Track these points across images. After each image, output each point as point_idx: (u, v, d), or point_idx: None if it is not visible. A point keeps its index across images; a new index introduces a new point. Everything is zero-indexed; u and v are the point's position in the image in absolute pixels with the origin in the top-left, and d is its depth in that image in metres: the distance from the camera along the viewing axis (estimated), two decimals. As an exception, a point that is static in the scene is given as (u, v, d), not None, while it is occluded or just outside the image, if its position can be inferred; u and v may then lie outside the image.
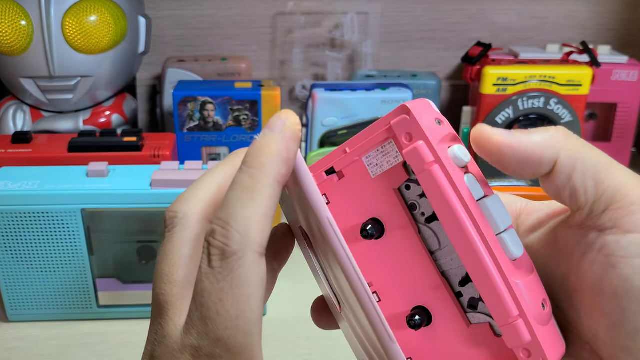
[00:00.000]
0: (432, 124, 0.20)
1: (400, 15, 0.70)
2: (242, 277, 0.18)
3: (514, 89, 0.56)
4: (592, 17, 0.71)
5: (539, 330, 0.19)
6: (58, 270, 0.42)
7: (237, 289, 0.18)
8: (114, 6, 0.54)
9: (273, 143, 0.19)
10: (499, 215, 0.20)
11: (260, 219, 0.18)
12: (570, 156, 0.20)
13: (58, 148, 0.48)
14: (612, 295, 0.19)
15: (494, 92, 0.56)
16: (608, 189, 0.19)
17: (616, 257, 0.19)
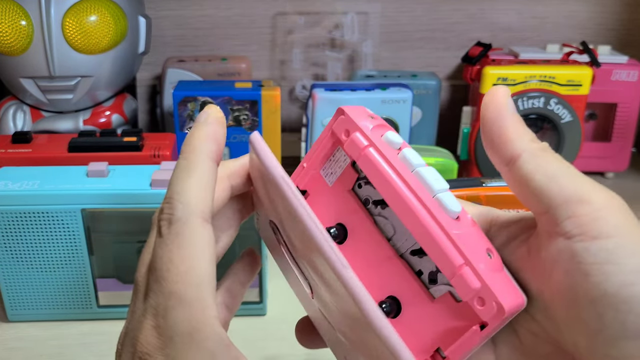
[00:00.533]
0: (365, 118, 0.23)
1: (400, 15, 0.70)
2: (187, 238, 0.20)
3: (514, 89, 0.56)
4: (592, 17, 0.71)
5: (488, 277, 0.20)
6: (58, 270, 0.42)
7: (184, 249, 0.20)
8: (114, 6, 0.54)
9: (199, 129, 0.23)
10: (432, 179, 0.21)
11: (200, 189, 0.21)
12: (533, 155, 0.20)
13: (58, 148, 0.48)
14: (587, 304, 0.19)
15: None
16: (572, 195, 0.19)
17: (587, 265, 0.19)
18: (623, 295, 0.18)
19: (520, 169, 0.21)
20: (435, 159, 0.51)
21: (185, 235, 0.20)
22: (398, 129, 0.56)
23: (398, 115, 0.56)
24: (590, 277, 0.19)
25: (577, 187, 0.20)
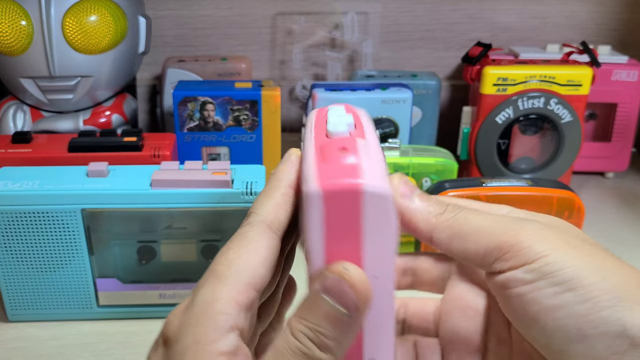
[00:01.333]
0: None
1: (400, 15, 0.70)
2: (248, 235, 0.21)
3: (514, 89, 0.56)
4: (592, 17, 0.71)
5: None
6: (58, 270, 0.42)
7: (240, 241, 0.21)
8: (114, 6, 0.54)
9: (284, 163, 0.24)
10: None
11: (274, 206, 0.22)
12: (444, 229, 0.23)
13: (58, 148, 0.48)
14: (530, 321, 0.21)
15: (494, 92, 0.57)
16: (488, 244, 0.22)
17: (519, 287, 0.21)
18: (555, 304, 0.20)
19: (439, 245, 0.23)
20: (435, 159, 0.51)
21: (247, 234, 0.21)
22: (398, 129, 0.56)
23: (398, 115, 0.56)
24: (525, 296, 0.21)
25: (489, 237, 0.22)
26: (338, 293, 0.19)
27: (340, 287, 0.19)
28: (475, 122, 0.58)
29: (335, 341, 0.19)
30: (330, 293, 0.20)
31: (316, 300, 0.20)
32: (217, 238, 0.43)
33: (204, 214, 0.41)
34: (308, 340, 0.19)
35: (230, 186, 0.40)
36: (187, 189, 0.40)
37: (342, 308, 0.19)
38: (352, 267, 0.20)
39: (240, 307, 0.20)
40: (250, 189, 0.40)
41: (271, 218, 0.22)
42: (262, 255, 0.21)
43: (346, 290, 0.19)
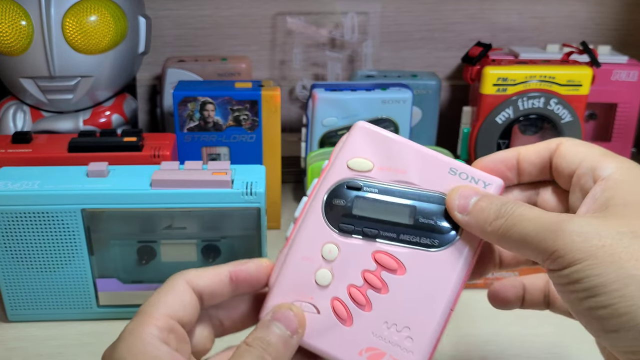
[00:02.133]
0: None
1: (400, 15, 0.70)
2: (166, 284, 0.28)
3: (514, 89, 0.57)
4: (592, 17, 0.71)
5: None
6: (58, 270, 0.42)
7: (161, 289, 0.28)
8: (114, 6, 0.54)
9: (249, 262, 0.29)
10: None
11: (201, 272, 0.28)
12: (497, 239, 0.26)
13: (58, 148, 0.48)
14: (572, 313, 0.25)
15: (494, 92, 0.57)
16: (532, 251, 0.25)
17: (558, 286, 0.24)
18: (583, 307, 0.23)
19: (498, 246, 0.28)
20: (435, 159, 0.51)
21: (167, 284, 0.27)
22: (398, 129, 0.56)
23: (398, 115, 0.56)
24: (562, 295, 0.24)
25: (535, 246, 0.24)
26: (285, 320, 0.26)
27: (287, 315, 0.27)
28: (475, 122, 0.58)
29: (277, 352, 0.26)
30: (279, 320, 0.26)
31: (268, 325, 0.26)
32: (217, 238, 0.43)
33: (204, 214, 0.41)
34: (261, 348, 0.25)
35: (230, 186, 0.40)
36: (187, 189, 0.40)
37: (287, 331, 0.26)
38: (295, 306, 0.27)
39: (159, 327, 0.25)
40: (250, 189, 0.40)
41: (191, 277, 0.28)
42: (177, 296, 0.27)
43: (291, 318, 0.27)
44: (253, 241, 0.42)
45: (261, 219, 0.41)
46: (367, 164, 0.28)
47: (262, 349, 0.25)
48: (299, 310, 0.27)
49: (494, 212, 0.26)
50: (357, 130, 0.28)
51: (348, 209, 0.27)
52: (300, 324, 0.27)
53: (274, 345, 0.26)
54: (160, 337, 0.25)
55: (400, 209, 0.27)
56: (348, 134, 0.28)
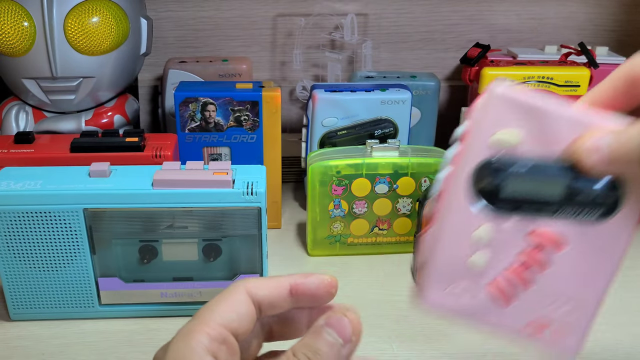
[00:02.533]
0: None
1: (400, 17, 0.70)
2: (226, 292, 0.26)
3: None
4: (590, 18, 0.71)
5: None
6: (60, 269, 0.42)
7: (220, 295, 0.26)
8: (115, 7, 0.55)
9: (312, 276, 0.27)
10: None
11: (263, 282, 0.27)
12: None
13: (60, 148, 0.49)
14: None
15: None
16: None
17: None
18: None
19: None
20: (434, 159, 0.52)
21: (226, 291, 0.26)
22: (397, 130, 0.57)
23: (397, 116, 0.56)
24: None
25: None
26: (338, 326, 0.25)
27: (341, 322, 0.25)
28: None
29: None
30: (332, 326, 0.25)
31: (319, 331, 0.25)
32: (218, 237, 0.43)
33: (205, 214, 0.41)
34: (305, 357, 0.24)
35: (231, 186, 0.41)
36: (189, 189, 0.40)
37: (339, 338, 0.25)
38: (352, 309, 0.26)
39: (210, 337, 0.24)
40: (250, 189, 0.41)
41: (252, 286, 0.27)
42: (234, 306, 0.26)
43: (345, 325, 0.25)
44: (254, 240, 0.42)
45: (262, 218, 0.41)
46: (513, 138, 0.25)
47: (307, 358, 0.24)
48: (356, 316, 0.25)
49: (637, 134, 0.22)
50: (497, 98, 0.25)
51: (498, 189, 0.25)
52: (355, 331, 0.25)
53: (323, 355, 0.24)
54: (209, 347, 0.24)
55: (554, 185, 0.25)
56: (486, 102, 0.25)
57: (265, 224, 0.42)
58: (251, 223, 0.42)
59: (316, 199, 0.51)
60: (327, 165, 0.50)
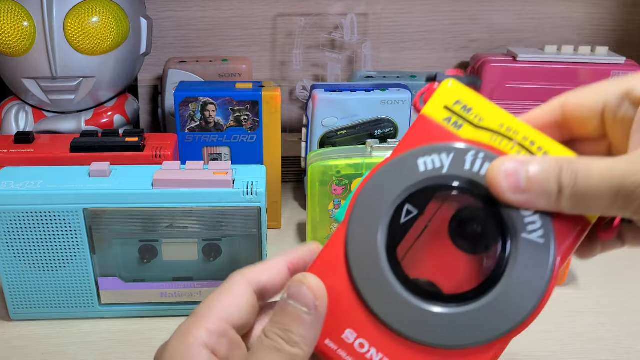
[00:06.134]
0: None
1: (400, 17, 0.70)
2: (225, 285, 0.26)
3: (471, 131, 0.55)
4: (590, 18, 0.71)
5: None
6: (60, 269, 0.42)
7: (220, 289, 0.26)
8: (115, 7, 0.55)
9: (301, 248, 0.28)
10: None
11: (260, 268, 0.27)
12: (569, 209, 0.22)
13: (60, 148, 0.49)
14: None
15: (440, 122, 0.53)
16: (611, 206, 0.22)
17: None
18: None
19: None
20: (434, 159, 0.51)
21: (226, 284, 0.26)
22: (397, 130, 0.57)
23: (397, 115, 0.56)
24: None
25: (611, 194, 0.21)
26: (299, 295, 0.24)
27: (300, 291, 0.24)
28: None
29: (301, 337, 0.23)
30: (293, 297, 0.24)
31: (283, 306, 0.24)
32: (218, 237, 0.43)
33: (205, 214, 0.41)
34: (279, 338, 0.23)
35: (231, 186, 0.41)
36: (189, 188, 0.40)
37: (303, 307, 0.23)
38: (309, 275, 0.24)
39: (209, 332, 0.24)
40: (250, 189, 0.41)
41: (251, 275, 0.26)
42: (234, 298, 0.25)
43: (305, 293, 0.24)
44: (254, 240, 0.42)
45: (262, 218, 0.41)
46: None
47: (278, 337, 0.23)
48: (314, 280, 0.24)
49: (554, 180, 0.22)
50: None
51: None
52: (317, 295, 0.24)
53: (293, 330, 0.23)
54: (208, 342, 0.24)
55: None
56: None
57: (265, 224, 0.42)
58: (251, 223, 0.42)
59: (316, 199, 0.51)
60: (327, 165, 0.50)
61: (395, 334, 0.24)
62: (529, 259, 0.23)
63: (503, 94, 0.63)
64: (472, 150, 0.24)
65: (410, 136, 0.25)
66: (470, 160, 0.24)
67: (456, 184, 0.24)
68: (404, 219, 0.24)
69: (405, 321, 0.24)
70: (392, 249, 0.24)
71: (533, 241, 0.23)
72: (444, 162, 0.24)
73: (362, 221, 0.25)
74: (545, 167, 0.22)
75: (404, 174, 0.24)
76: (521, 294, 0.23)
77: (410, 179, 0.24)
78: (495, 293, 0.23)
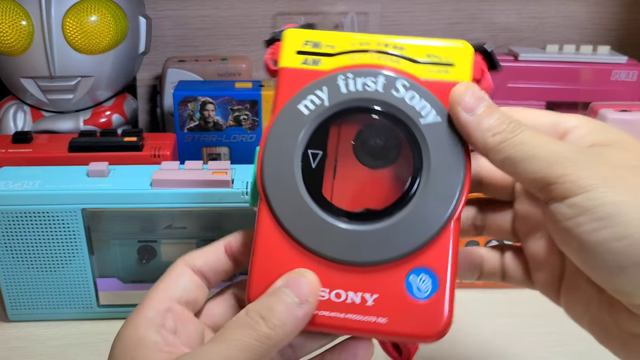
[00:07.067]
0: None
1: (400, 16, 0.70)
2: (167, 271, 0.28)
3: (331, 61, 0.21)
4: (592, 17, 0.71)
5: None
6: (58, 269, 0.42)
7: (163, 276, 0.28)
8: (114, 6, 0.54)
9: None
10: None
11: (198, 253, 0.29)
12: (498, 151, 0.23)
13: (58, 148, 0.48)
14: (574, 253, 0.22)
15: (298, 65, 0.27)
16: (537, 174, 0.22)
17: (563, 221, 0.22)
18: (595, 240, 0.21)
19: (493, 163, 0.24)
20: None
21: (168, 270, 0.27)
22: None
23: (398, 115, 0.56)
24: (567, 232, 0.22)
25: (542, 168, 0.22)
26: (295, 285, 0.24)
27: (297, 281, 0.24)
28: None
29: (281, 322, 0.23)
30: (289, 285, 0.24)
31: (276, 291, 0.24)
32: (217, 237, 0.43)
33: (204, 214, 0.41)
34: (258, 317, 0.23)
35: (230, 186, 0.40)
36: (188, 188, 0.40)
37: (295, 298, 0.23)
38: (309, 272, 0.25)
39: (155, 310, 0.25)
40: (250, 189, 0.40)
41: (188, 258, 0.28)
42: (174, 278, 0.27)
43: (302, 284, 0.24)
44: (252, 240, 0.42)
45: (261, 218, 0.41)
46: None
47: (258, 316, 0.23)
48: (314, 278, 0.24)
49: (502, 124, 0.23)
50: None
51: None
52: (312, 292, 0.24)
53: (277, 313, 0.23)
54: (154, 317, 0.25)
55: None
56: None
57: (264, 224, 0.42)
58: (250, 223, 0.41)
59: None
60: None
61: (328, 260, 0.25)
62: (441, 154, 0.24)
63: (504, 93, 0.62)
64: (340, 75, 0.25)
65: (280, 92, 0.26)
66: (343, 85, 0.25)
67: (342, 109, 0.25)
68: (314, 164, 0.25)
69: (332, 245, 0.25)
70: (317, 195, 0.25)
71: (432, 123, 0.25)
72: (322, 96, 0.25)
73: (279, 186, 0.25)
74: (503, 112, 0.24)
75: (293, 124, 0.25)
76: (436, 200, 0.24)
77: (299, 125, 0.25)
78: (410, 207, 0.24)
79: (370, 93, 0.25)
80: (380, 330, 0.24)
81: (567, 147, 0.22)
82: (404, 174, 0.25)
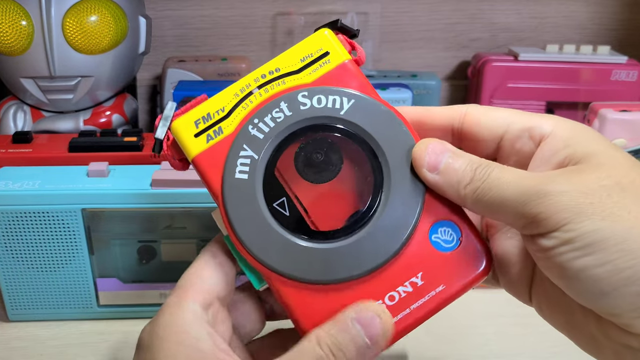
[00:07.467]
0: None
1: (400, 16, 0.70)
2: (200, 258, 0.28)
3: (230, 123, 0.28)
4: (592, 17, 0.71)
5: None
6: (58, 269, 0.42)
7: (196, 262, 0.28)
8: (114, 6, 0.54)
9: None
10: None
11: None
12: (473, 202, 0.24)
13: (58, 148, 0.48)
14: (558, 280, 0.23)
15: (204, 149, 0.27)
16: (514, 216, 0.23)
17: (544, 252, 0.22)
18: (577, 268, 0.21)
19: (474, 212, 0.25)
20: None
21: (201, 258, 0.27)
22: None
23: (398, 115, 0.56)
24: (549, 261, 0.22)
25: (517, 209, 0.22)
26: (368, 326, 0.23)
27: (373, 322, 0.23)
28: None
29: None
30: (362, 323, 0.23)
31: (347, 323, 0.23)
32: (218, 238, 0.43)
33: (204, 214, 0.41)
34: (331, 354, 0.23)
35: (230, 186, 0.40)
36: (188, 188, 0.40)
37: (366, 339, 0.23)
38: (384, 309, 0.24)
39: (200, 304, 0.24)
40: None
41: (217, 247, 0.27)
42: (211, 270, 0.26)
43: (376, 325, 0.23)
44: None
45: (261, 218, 0.41)
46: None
47: (331, 353, 0.23)
48: (389, 319, 0.24)
49: (469, 173, 0.24)
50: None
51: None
52: (385, 335, 0.24)
53: (347, 354, 0.23)
54: (202, 315, 0.24)
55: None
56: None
57: (265, 224, 0.42)
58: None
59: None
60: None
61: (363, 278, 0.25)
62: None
63: (504, 93, 0.62)
64: (249, 125, 0.25)
65: (209, 176, 0.26)
66: (256, 132, 0.25)
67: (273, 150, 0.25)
68: (287, 211, 0.25)
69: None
70: (313, 234, 0.25)
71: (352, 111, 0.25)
72: (249, 153, 0.25)
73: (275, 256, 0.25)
74: (467, 159, 0.24)
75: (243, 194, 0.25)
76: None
77: (250, 191, 0.25)
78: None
79: (283, 121, 0.25)
80: (446, 296, 0.25)
81: (536, 179, 0.22)
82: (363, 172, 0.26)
